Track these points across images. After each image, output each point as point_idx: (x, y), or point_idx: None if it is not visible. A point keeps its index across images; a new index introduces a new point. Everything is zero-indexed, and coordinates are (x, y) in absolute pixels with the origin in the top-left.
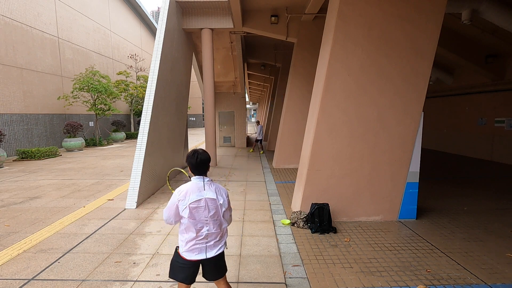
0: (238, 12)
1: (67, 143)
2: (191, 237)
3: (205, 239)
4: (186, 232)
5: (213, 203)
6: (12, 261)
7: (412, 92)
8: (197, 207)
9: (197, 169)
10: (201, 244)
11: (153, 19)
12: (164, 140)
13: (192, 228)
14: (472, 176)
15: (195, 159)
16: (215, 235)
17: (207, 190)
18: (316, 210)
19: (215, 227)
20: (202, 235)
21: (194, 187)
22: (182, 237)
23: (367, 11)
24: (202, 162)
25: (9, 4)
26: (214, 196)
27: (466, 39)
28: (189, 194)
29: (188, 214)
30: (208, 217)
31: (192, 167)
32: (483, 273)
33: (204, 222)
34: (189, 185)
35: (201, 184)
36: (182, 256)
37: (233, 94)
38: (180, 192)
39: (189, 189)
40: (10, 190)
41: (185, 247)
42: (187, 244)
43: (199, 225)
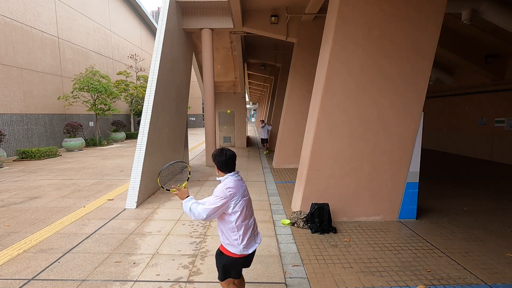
0: (238, 12)
1: (67, 143)
2: (245, 229)
3: (253, 227)
4: (239, 228)
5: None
6: (12, 261)
7: (412, 92)
8: (246, 199)
9: (227, 166)
10: (254, 234)
11: (153, 19)
12: (164, 140)
13: (245, 221)
14: (472, 176)
15: (225, 156)
16: (255, 220)
17: (244, 183)
18: (316, 210)
19: (253, 214)
20: (251, 225)
21: (238, 183)
22: (234, 235)
23: (367, 11)
24: (231, 158)
25: (9, 4)
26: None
27: (466, 39)
28: (238, 189)
29: (242, 208)
30: (251, 207)
31: (222, 164)
32: (483, 273)
33: (251, 212)
34: (234, 181)
35: (240, 177)
36: (242, 254)
37: (233, 94)
38: (229, 189)
39: (235, 186)
40: (10, 190)
41: (243, 242)
42: (244, 239)
43: (249, 216)
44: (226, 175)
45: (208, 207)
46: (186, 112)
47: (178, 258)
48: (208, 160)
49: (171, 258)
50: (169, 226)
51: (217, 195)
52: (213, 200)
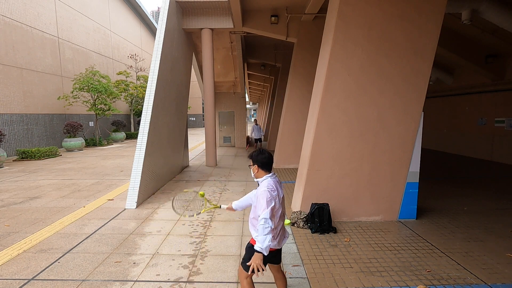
0: (238, 12)
1: (67, 143)
2: (281, 226)
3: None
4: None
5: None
6: (12, 261)
7: (412, 92)
8: (282, 199)
9: (269, 164)
10: (284, 230)
11: (153, 19)
12: (164, 140)
13: (281, 218)
14: (472, 176)
15: (266, 157)
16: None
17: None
18: (316, 210)
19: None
20: (282, 222)
21: (276, 183)
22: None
23: (367, 11)
24: (271, 158)
25: (9, 4)
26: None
27: (466, 39)
28: (279, 189)
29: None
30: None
31: (263, 165)
32: (483, 273)
33: (284, 210)
34: (273, 182)
35: (277, 179)
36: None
37: (233, 94)
38: (274, 191)
39: (275, 186)
40: (10, 190)
41: (278, 237)
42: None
43: (284, 214)
44: (265, 177)
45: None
46: (186, 112)
47: (178, 258)
48: (208, 160)
49: (171, 258)
50: (169, 226)
51: (266, 198)
52: (265, 204)
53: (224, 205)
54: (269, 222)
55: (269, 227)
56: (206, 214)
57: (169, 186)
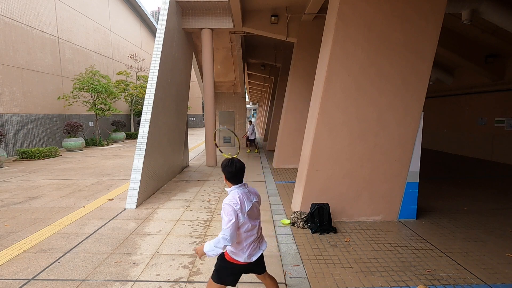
0: (238, 12)
1: (67, 143)
2: (251, 240)
3: (258, 236)
4: (244, 239)
5: (257, 205)
6: (12, 261)
7: (412, 92)
8: (251, 212)
9: (236, 177)
10: (256, 243)
11: (153, 19)
12: (164, 140)
13: (250, 233)
14: (472, 176)
15: (234, 168)
16: (260, 229)
17: (252, 195)
18: (316, 210)
19: (260, 224)
20: (255, 234)
21: (244, 195)
22: (240, 245)
23: (367, 11)
24: (240, 170)
25: (9, 4)
26: (256, 199)
27: (466, 39)
28: (243, 203)
29: (246, 221)
30: (257, 217)
31: (231, 175)
32: (483, 273)
33: (256, 223)
34: (239, 194)
35: (246, 190)
36: (245, 262)
37: (233, 94)
38: (236, 205)
39: (241, 199)
40: (10, 190)
41: (248, 251)
42: (249, 248)
43: (254, 227)
44: (232, 188)
45: (227, 229)
46: (186, 112)
47: (178, 258)
48: (208, 160)
49: (171, 258)
50: (169, 226)
51: (227, 213)
52: (226, 219)
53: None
54: (228, 241)
55: (224, 245)
56: (206, 214)
57: (169, 186)
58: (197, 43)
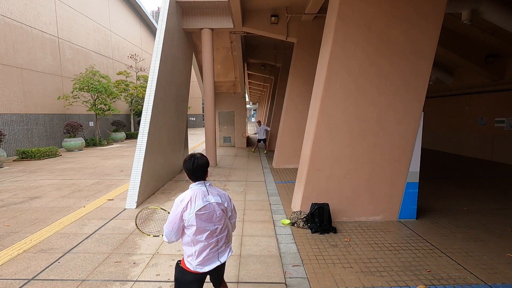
0: (238, 12)
1: (67, 143)
2: (203, 246)
3: (217, 245)
4: (195, 243)
5: (220, 207)
6: (12, 261)
7: (412, 92)
8: (204, 213)
9: (194, 174)
10: (214, 252)
11: (153, 19)
12: (164, 140)
13: (203, 237)
14: (472, 176)
15: (191, 164)
16: (225, 238)
17: (211, 194)
18: (316, 210)
19: (224, 231)
20: (213, 242)
21: (197, 193)
22: (190, 249)
23: (367, 11)
24: (199, 167)
25: (9, 4)
26: (219, 200)
27: (466, 39)
28: (193, 201)
29: (196, 222)
30: (216, 222)
31: (189, 172)
32: (483, 273)
33: (213, 228)
34: (191, 192)
35: (204, 189)
36: (195, 271)
37: (233, 94)
38: (183, 201)
39: (192, 196)
40: (10, 190)
41: (198, 259)
42: (200, 256)
43: (209, 232)
44: (191, 185)
45: (166, 225)
46: (186, 112)
47: (178, 258)
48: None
49: (171, 258)
50: None
51: (172, 209)
52: (169, 216)
53: None
54: (165, 237)
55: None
56: None
57: (169, 186)
58: (197, 43)
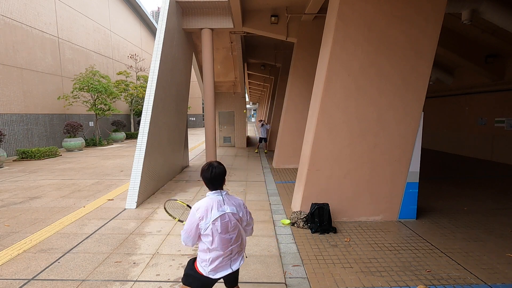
0: (238, 12)
1: (67, 143)
2: (217, 255)
3: (230, 253)
4: (210, 251)
5: (235, 217)
6: (12, 261)
7: (412, 92)
8: (221, 223)
9: (212, 183)
10: (227, 260)
11: (153, 19)
12: (164, 140)
13: (218, 246)
14: (472, 176)
15: (210, 173)
16: (238, 247)
17: (227, 204)
18: (316, 210)
19: (238, 240)
20: (228, 252)
21: (214, 203)
22: (205, 256)
23: (367, 11)
24: (217, 176)
25: (9, 4)
26: (235, 210)
27: (466, 39)
28: (209, 211)
29: (212, 232)
30: (231, 231)
31: (206, 181)
32: (483, 273)
33: (229, 237)
34: (207, 201)
35: (220, 198)
36: (208, 276)
37: (233, 94)
38: (199, 210)
39: (208, 206)
40: (10, 190)
41: (211, 266)
42: (213, 263)
43: (225, 241)
44: (207, 193)
45: (183, 231)
46: (186, 112)
47: (178, 258)
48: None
49: (171, 258)
50: (169, 226)
51: (189, 216)
52: (186, 222)
53: None
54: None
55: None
56: None
57: (169, 186)
58: (197, 43)
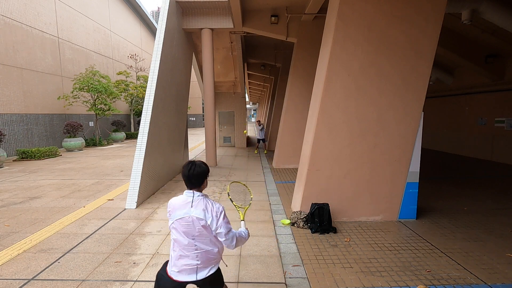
0: (238, 12)
1: (67, 143)
2: (179, 255)
3: (195, 259)
4: (174, 247)
5: (200, 223)
6: (12, 261)
7: (412, 92)
8: (183, 225)
9: (189, 181)
10: (191, 266)
11: (153, 19)
12: (164, 140)
13: (180, 247)
14: (472, 176)
15: (188, 170)
16: (205, 255)
17: (195, 207)
18: (316, 210)
19: (206, 247)
20: (192, 256)
21: (182, 202)
22: (171, 252)
23: (367, 11)
24: (194, 175)
25: (9, 4)
26: (202, 216)
27: (466, 39)
28: (175, 209)
29: (175, 231)
30: (196, 237)
31: (184, 178)
32: (483, 273)
33: (193, 242)
34: (180, 198)
35: (190, 199)
36: (169, 276)
37: (233, 94)
38: (170, 205)
39: (176, 204)
40: (10, 190)
41: (174, 267)
42: (177, 264)
43: (187, 245)
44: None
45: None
46: (186, 112)
47: None
48: (208, 160)
49: None
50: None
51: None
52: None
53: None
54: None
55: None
56: None
57: (169, 186)
58: (197, 43)
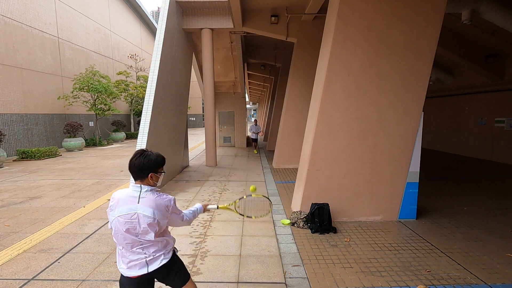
0: (238, 12)
1: (67, 143)
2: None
3: (142, 254)
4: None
5: (146, 221)
6: (12, 261)
7: (412, 92)
8: (128, 221)
9: (133, 172)
10: (139, 260)
11: (153, 19)
12: (164, 140)
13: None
14: (472, 176)
15: (133, 158)
16: (152, 247)
17: (142, 204)
18: (316, 210)
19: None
20: (136, 251)
21: (127, 197)
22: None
23: (367, 11)
24: (140, 165)
25: (9, 4)
26: (150, 213)
27: (466, 39)
28: (120, 204)
29: (115, 228)
30: (140, 234)
31: (129, 167)
32: (483, 273)
33: (137, 239)
34: (125, 192)
35: (137, 194)
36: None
37: (233, 94)
38: (113, 199)
39: (121, 198)
40: (10, 190)
41: (122, 264)
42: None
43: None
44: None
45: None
46: (186, 112)
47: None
48: (208, 160)
49: None
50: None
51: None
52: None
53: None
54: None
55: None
56: (206, 214)
57: (169, 186)
58: (197, 43)
